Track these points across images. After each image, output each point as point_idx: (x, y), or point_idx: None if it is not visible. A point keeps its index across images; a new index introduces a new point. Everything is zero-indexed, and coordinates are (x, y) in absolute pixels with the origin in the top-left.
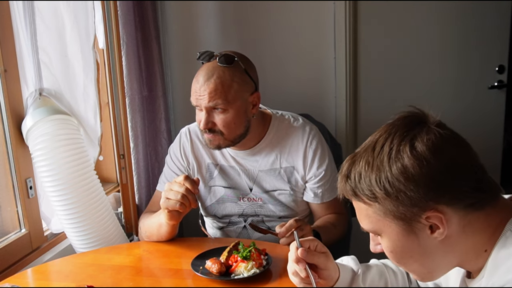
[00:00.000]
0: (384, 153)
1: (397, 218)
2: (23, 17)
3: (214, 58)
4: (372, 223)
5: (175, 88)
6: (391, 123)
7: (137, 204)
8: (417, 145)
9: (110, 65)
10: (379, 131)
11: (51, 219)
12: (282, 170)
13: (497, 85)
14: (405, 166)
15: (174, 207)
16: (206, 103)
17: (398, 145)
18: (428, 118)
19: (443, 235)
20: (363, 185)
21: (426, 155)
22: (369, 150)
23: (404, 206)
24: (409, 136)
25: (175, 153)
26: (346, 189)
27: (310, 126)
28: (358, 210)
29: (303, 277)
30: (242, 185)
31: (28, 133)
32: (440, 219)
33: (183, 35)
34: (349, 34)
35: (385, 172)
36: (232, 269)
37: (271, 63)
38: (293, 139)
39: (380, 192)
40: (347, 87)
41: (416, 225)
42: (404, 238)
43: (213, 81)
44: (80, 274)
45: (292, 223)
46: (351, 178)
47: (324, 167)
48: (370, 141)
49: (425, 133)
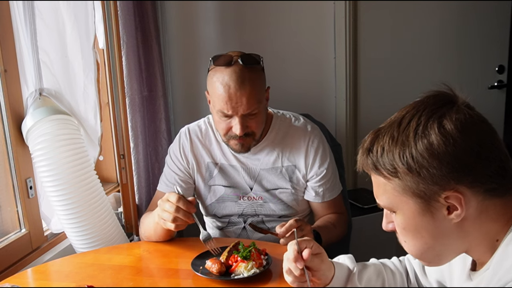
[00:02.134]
0: (411, 129)
1: (415, 195)
2: (23, 17)
3: (234, 61)
4: (389, 198)
5: (175, 88)
6: (419, 101)
7: (137, 204)
8: (446, 123)
9: (110, 65)
10: (405, 108)
11: (51, 219)
12: (284, 169)
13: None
14: (431, 142)
15: (169, 227)
16: (244, 110)
17: (425, 121)
18: (457, 98)
19: (460, 217)
20: (385, 160)
21: (454, 134)
22: (394, 125)
23: (425, 183)
24: (438, 113)
25: (175, 153)
26: (366, 163)
27: (311, 126)
28: (377, 185)
29: (297, 275)
30: (242, 184)
31: (28, 133)
32: (460, 200)
33: (183, 35)
34: (349, 34)
35: (409, 148)
36: (232, 269)
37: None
38: (294, 138)
39: (402, 167)
40: (347, 87)
41: (434, 204)
42: (420, 216)
43: (247, 86)
44: (80, 274)
45: (292, 223)
46: (373, 152)
47: (325, 166)
48: (396, 117)
49: (454, 112)
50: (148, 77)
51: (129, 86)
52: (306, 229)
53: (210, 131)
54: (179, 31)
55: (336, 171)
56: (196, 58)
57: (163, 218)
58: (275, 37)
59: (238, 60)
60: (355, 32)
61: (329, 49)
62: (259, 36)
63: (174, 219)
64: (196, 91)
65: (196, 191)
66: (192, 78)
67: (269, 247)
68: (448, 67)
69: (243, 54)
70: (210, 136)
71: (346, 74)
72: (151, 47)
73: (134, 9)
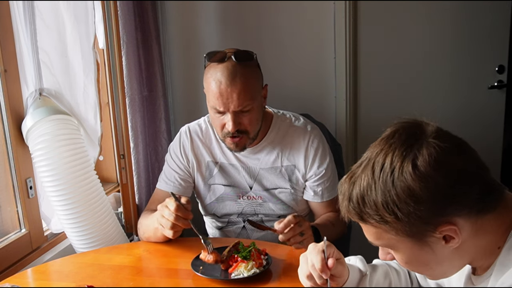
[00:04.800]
0: (386, 175)
1: (409, 236)
2: (23, 17)
3: (227, 57)
4: (385, 241)
5: (175, 88)
6: (386, 139)
7: (137, 204)
8: (419, 164)
9: (110, 65)
10: (374, 148)
11: (51, 219)
12: (283, 169)
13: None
14: (411, 188)
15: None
16: (236, 106)
17: (400, 165)
18: (424, 129)
19: (457, 244)
20: (370, 211)
21: (431, 173)
22: (367, 171)
23: (416, 226)
24: (410, 155)
25: (175, 151)
26: (350, 212)
27: (311, 126)
28: (367, 232)
29: (320, 284)
30: (242, 183)
31: (28, 133)
32: (454, 231)
33: (183, 35)
34: (349, 34)
35: (391, 196)
36: (232, 269)
37: (271, 63)
38: (294, 138)
39: (389, 216)
40: (347, 87)
41: (430, 239)
42: (419, 251)
43: (239, 82)
44: (80, 274)
45: (291, 218)
46: (354, 201)
47: (324, 166)
48: (367, 158)
49: (425, 148)
50: (148, 77)
51: (129, 86)
52: (305, 225)
53: (210, 130)
54: (179, 31)
55: (335, 171)
56: (196, 58)
57: (162, 224)
58: (275, 37)
59: (232, 56)
60: (355, 32)
61: (329, 49)
62: (259, 36)
63: (173, 226)
64: (196, 91)
65: (196, 190)
66: (192, 78)
67: (268, 247)
68: (448, 67)
69: (237, 51)
70: (210, 135)
71: (346, 74)
72: (151, 47)
73: (134, 9)
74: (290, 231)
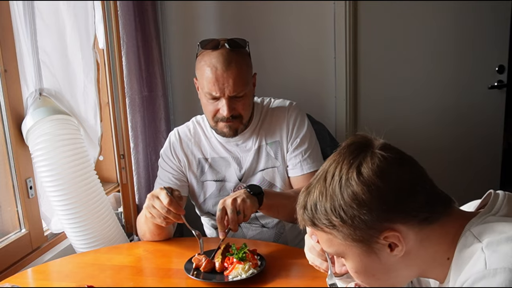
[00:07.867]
0: (335, 182)
1: (356, 241)
2: (23, 17)
3: (221, 45)
4: (335, 247)
5: (175, 88)
6: (338, 152)
7: (137, 204)
8: (363, 171)
9: (110, 65)
10: (328, 160)
11: (51, 219)
12: (268, 146)
13: (497, 85)
14: (355, 192)
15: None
16: (231, 91)
17: (346, 173)
18: (372, 142)
19: (402, 252)
20: (320, 215)
21: (373, 180)
22: (321, 181)
23: (361, 230)
24: (355, 163)
25: (166, 154)
26: (305, 220)
27: (289, 101)
28: (320, 238)
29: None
30: (232, 175)
31: (28, 133)
32: (397, 238)
33: (183, 35)
34: (349, 34)
35: (338, 201)
36: (229, 272)
37: (271, 63)
38: (274, 115)
39: (336, 220)
40: (347, 87)
41: (375, 246)
42: (366, 258)
43: (234, 67)
44: (80, 274)
45: (219, 207)
46: (308, 209)
47: (302, 133)
48: (322, 170)
49: (369, 158)
50: (148, 77)
51: (129, 86)
52: (232, 203)
53: (198, 128)
54: (179, 31)
55: (317, 146)
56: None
57: (152, 214)
58: (275, 37)
59: (225, 44)
60: (355, 32)
61: (329, 49)
62: (259, 36)
63: (164, 219)
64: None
65: (190, 189)
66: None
67: (258, 246)
68: (448, 67)
69: (230, 39)
70: (198, 132)
71: (346, 74)
72: (151, 47)
73: (134, 9)
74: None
